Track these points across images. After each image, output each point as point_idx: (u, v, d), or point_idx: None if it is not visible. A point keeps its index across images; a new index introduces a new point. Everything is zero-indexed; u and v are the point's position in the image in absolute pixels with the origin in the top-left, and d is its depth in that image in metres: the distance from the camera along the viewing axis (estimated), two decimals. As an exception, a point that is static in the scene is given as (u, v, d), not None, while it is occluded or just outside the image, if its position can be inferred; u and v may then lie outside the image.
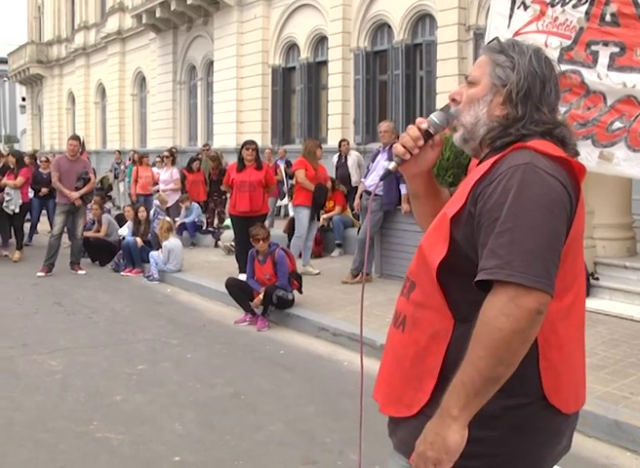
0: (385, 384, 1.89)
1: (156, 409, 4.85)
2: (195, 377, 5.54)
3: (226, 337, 6.82)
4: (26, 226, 12.89)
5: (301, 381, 5.50)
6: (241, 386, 5.34)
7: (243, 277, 7.82)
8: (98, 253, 11.25)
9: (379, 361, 1.97)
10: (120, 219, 12.11)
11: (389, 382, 1.87)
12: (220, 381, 5.46)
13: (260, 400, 5.04)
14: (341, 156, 13.64)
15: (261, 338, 6.80)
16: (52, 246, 10.26)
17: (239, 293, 7.40)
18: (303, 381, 5.50)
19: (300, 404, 4.97)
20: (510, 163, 1.67)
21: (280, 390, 5.26)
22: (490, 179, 1.68)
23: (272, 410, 4.82)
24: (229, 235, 11.17)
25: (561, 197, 1.64)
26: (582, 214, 1.74)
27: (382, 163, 8.37)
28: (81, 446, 4.22)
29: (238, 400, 5.05)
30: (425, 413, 1.72)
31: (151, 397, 5.08)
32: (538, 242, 1.59)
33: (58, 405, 4.92)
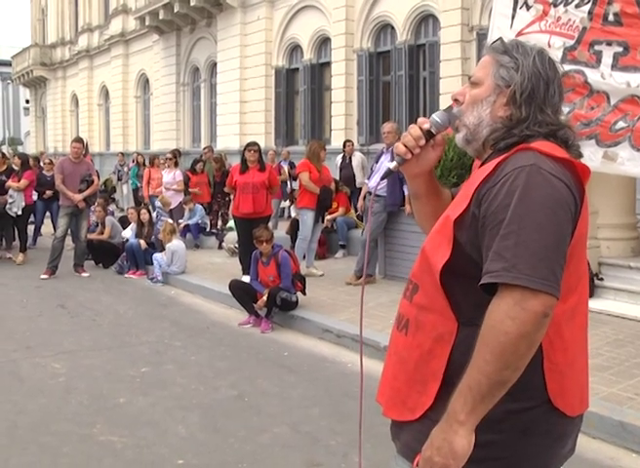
0: (389, 387, 1.87)
1: (160, 411, 4.84)
2: (199, 380, 5.53)
3: (230, 339, 6.81)
4: (30, 229, 12.91)
5: (305, 383, 5.48)
6: (245, 388, 5.33)
7: (246, 279, 7.82)
8: (101, 256, 11.25)
9: (382, 362, 1.96)
10: (123, 222, 12.12)
11: (393, 385, 1.86)
12: (224, 383, 5.45)
13: (264, 402, 5.03)
14: (345, 157, 13.62)
15: (265, 340, 6.79)
16: (55, 248, 10.26)
17: (243, 295, 7.40)
18: (307, 383, 5.48)
19: (305, 406, 4.96)
20: (515, 164, 1.66)
21: (284, 392, 5.25)
22: (494, 181, 1.67)
23: (276, 413, 4.81)
24: (233, 237, 11.16)
25: (566, 198, 1.63)
26: (587, 215, 1.73)
27: (386, 164, 8.34)
28: (84, 449, 4.21)
29: (242, 402, 5.04)
30: (429, 417, 1.71)
31: (155, 399, 5.07)
32: (543, 244, 1.58)
33: (61, 407, 4.91)
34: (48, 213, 13.27)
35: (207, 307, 8.38)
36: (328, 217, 11.10)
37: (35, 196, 12.72)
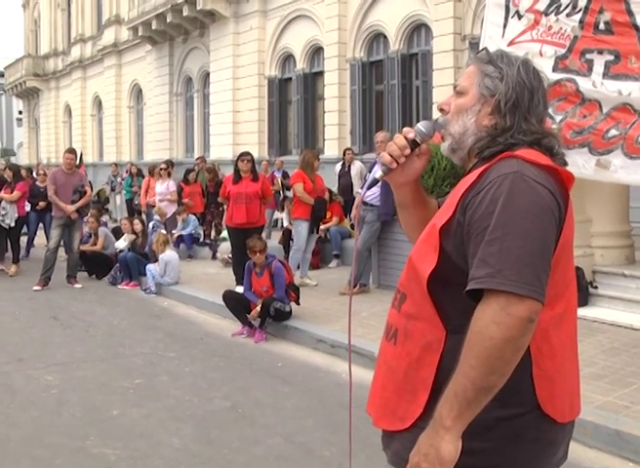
0: (378, 397, 1.88)
1: (153, 423, 4.83)
2: (193, 391, 5.52)
3: (224, 350, 6.81)
4: (23, 240, 12.89)
5: (300, 394, 5.48)
6: (239, 399, 5.33)
7: (240, 289, 7.82)
8: (94, 267, 11.24)
9: (375, 373, 1.96)
10: (117, 232, 12.11)
11: (382, 395, 1.86)
12: (218, 395, 5.44)
13: (258, 413, 5.02)
14: (345, 165, 13.58)
15: (259, 351, 6.79)
16: (48, 259, 10.25)
17: (236, 306, 7.39)
18: (301, 394, 5.48)
19: (299, 416, 4.95)
20: (499, 172, 1.67)
21: (278, 403, 5.25)
22: (478, 189, 1.68)
23: (270, 424, 4.81)
24: (227, 247, 11.15)
25: (550, 205, 1.65)
26: (572, 221, 1.75)
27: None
28: (77, 461, 4.20)
29: (236, 413, 5.04)
30: (419, 426, 1.71)
31: (148, 411, 5.06)
32: (528, 249, 1.59)
33: (54, 420, 4.90)
34: (41, 224, 13.26)
35: (200, 318, 8.37)
36: (322, 227, 11.09)
37: (28, 207, 12.71)
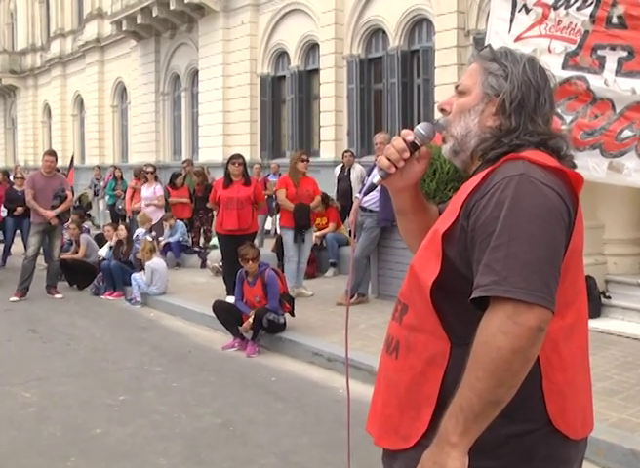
0: (379, 415, 1.88)
1: (139, 442, 4.83)
2: (181, 407, 5.52)
3: (214, 364, 6.80)
4: (-1, 248, 12.88)
5: (295, 410, 5.48)
6: (230, 416, 5.33)
7: (231, 299, 7.82)
8: (76, 276, 11.22)
9: (376, 387, 1.97)
10: (100, 240, 12.10)
11: (384, 413, 1.86)
12: (208, 411, 5.44)
13: (251, 431, 5.02)
14: (344, 168, 13.45)
15: (252, 365, 6.79)
16: (26, 268, 10.23)
17: (227, 317, 7.39)
18: (297, 410, 5.49)
19: (294, 434, 4.96)
20: (504, 174, 1.68)
21: (272, 420, 5.25)
22: (482, 192, 1.69)
23: (264, 442, 4.81)
24: (217, 255, 11.16)
25: (558, 207, 1.65)
26: (581, 226, 1.75)
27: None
28: (58, 483, 4.20)
29: (227, 431, 5.04)
30: (423, 444, 1.71)
31: (134, 429, 5.06)
32: (535, 255, 1.59)
33: (32, 440, 4.89)
34: (18, 231, 13.23)
35: (189, 330, 8.37)
36: (317, 234, 11.10)
37: (4, 213, 12.69)
